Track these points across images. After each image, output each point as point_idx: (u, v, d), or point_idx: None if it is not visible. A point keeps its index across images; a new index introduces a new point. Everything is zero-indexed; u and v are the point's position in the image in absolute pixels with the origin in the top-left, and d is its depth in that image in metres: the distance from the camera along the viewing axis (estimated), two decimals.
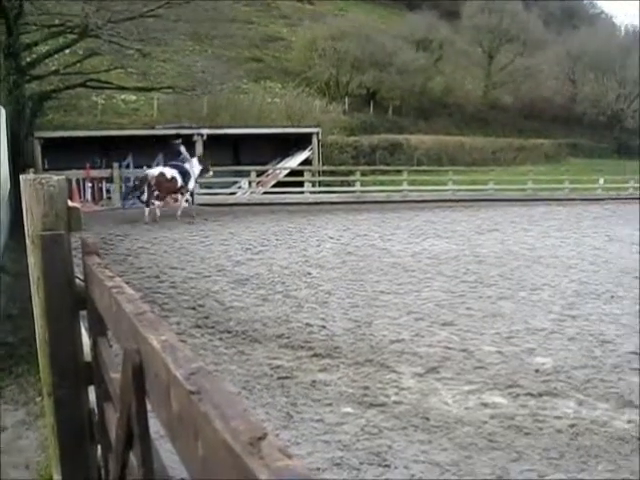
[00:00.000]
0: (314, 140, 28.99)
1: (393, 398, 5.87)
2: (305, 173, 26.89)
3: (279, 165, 28.41)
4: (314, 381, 6.22)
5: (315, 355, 6.99)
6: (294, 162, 28.53)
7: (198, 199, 22.92)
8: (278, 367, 6.60)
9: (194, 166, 20.29)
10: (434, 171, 30.34)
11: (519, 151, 44.35)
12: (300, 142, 28.72)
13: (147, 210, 18.82)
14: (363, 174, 27.76)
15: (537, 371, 6.61)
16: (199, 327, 8.03)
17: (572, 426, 5.35)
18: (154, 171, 19.63)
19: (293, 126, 31.42)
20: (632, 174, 33.97)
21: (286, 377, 6.32)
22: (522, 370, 6.64)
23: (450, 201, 25.38)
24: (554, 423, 5.41)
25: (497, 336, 7.80)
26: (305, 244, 15.32)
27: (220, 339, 7.55)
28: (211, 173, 21.35)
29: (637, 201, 29.45)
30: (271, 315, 8.65)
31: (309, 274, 11.64)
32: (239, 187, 25.77)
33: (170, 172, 19.46)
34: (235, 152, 28.75)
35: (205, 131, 25.83)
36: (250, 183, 25.54)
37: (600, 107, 56.50)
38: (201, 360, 1.27)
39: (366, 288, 10.41)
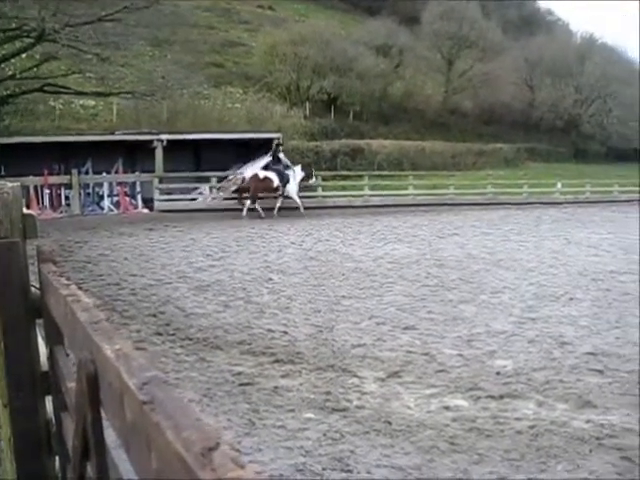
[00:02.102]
0: (275, 145, 28.94)
1: (355, 403, 5.87)
2: None
3: (240, 171, 28.27)
4: (276, 387, 6.20)
5: (277, 361, 6.97)
6: (255, 167, 28.44)
7: (158, 205, 22.75)
8: (240, 373, 6.56)
9: (296, 172, 23.59)
10: (395, 176, 30.55)
11: (479, 156, 44.79)
12: (261, 147, 28.62)
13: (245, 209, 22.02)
14: (324, 179, 27.78)
15: (498, 373, 6.67)
16: (160, 334, 7.95)
17: (532, 427, 5.41)
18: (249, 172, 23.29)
19: (254, 131, 31.28)
20: (589, 178, 34.55)
21: (248, 383, 6.29)
22: (483, 373, 6.69)
23: (411, 206, 25.52)
24: (515, 425, 5.47)
25: (458, 339, 7.86)
26: (267, 250, 15.28)
27: (181, 346, 7.48)
28: (314, 180, 24.79)
29: (594, 204, 30.01)
30: (232, 321, 8.60)
31: (271, 280, 11.61)
32: (200, 193, 25.59)
33: (265, 174, 22.99)
34: (196, 158, 28.51)
35: (165, 137, 25.59)
36: (211, 189, 25.38)
37: (557, 112, 57.40)
38: (161, 368, 1.25)
39: (328, 293, 10.41)
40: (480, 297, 10.25)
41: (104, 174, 23.78)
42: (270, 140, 28.86)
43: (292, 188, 23.44)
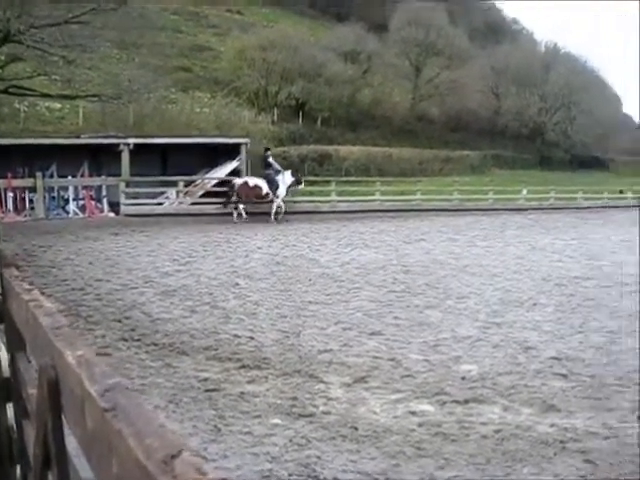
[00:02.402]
0: (243, 150, 28.83)
1: (322, 408, 5.87)
2: None
3: (207, 175, 28.12)
4: (242, 393, 6.17)
5: (243, 367, 6.94)
6: (222, 172, 28.29)
7: (125, 209, 22.55)
8: (206, 379, 6.52)
9: (286, 177, 23.62)
10: (362, 182, 30.61)
11: (445, 162, 45.18)
12: (229, 152, 28.49)
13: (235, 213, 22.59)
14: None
15: (463, 378, 6.71)
16: (125, 340, 7.87)
17: (497, 431, 5.45)
18: (239, 180, 23.40)
19: (222, 136, 31.17)
20: (553, 185, 35.00)
21: (214, 389, 6.25)
22: (449, 378, 6.73)
23: (378, 211, 25.62)
24: (480, 429, 5.50)
25: (424, 345, 7.89)
26: (233, 254, 15.22)
27: (147, 352, 7.41)
28: (302, 185, 24.81)
29: (558, 211, 30.39)
30: (199, 327, 8.54)
31: (237, 285, 11.56)
32: (167, 197, 25.40)
33: (255, 181, 23.19)
34: (163, 162, 28.31)
35: (132, 140, 25.37)
36: (178, 193, 25.22)
37: (523, 120, 58.16)
38: (127, 374, 1.24)
39: (294, 299, 10.40)
40: (446, 302, 10.32)
41: (69, 177, 23.48)
42: (238, 145, 28.77)
43: (281, 193, 23.67)
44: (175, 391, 6.17)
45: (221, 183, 25.84)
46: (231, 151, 28.45)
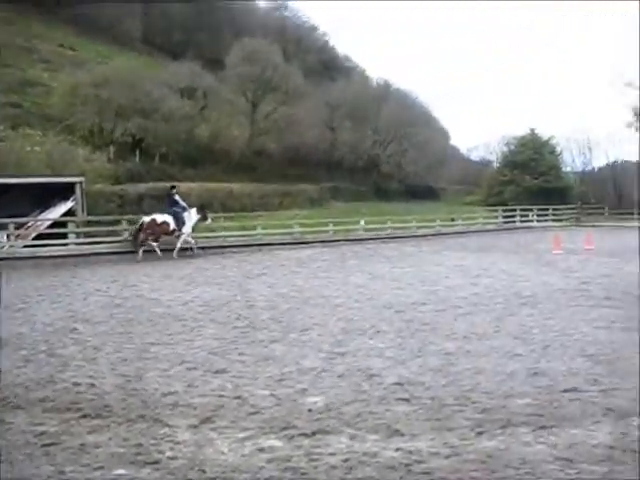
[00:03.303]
0: (77, 190, 27.92)
1: (168, 453, 5.70)
2: (69, 224, 25.79)
3: (40, 216, 26.96)
4: (83, 444, 5.88)
5: (84, 416, 6.63)
6: (56, 213, 27.26)
7: None
8: (42, 433, 6.16)
9: (192, 214, 24.52)
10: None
11: (285, 196, 45.86)
12: (63, 192, 27.50)
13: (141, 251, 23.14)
14: (130, 223, 27.13)
15: (310, 410, 6.74)
16: None
17: (345, 460, 5.50)
18: (147, 217, 23.65)
19: (54, 175, 30.04)
20: (390, 215, 36.34)
21: (52, 443, 5.91)
22: (296, 411, 6.75)
23: (221, 247, 25.52)
24: (328, 460, 5.53)
25: (270, 379, 7.88)
26: (71, 298, 14.62)
27: None
28: (209, 221, 25.73)
29: (395, 240, 31.54)
30: (34, 377, 8.09)
31: (75, 330, 11.09)
32: None
33: (162, 217, 23.69)
34: None
35: None
36: (9, 236, 23.96)
37: (358, 153, 60.25)
38: None
39: (135, 341, 10.10)
40: (290, 335, 10.37)
41: None
42: (72, 184, 27.84)
43: (187, 230, 24.42)
44: (9, 449, 5.79)
45: (58, 224, 24.89)
46: (65, 191, 27.49)
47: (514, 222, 44.03)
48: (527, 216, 45.33)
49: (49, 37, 56.60)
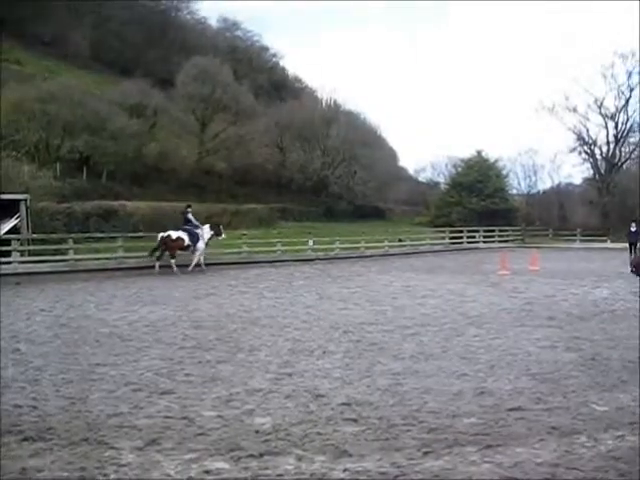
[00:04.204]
0: (22, 207, 27.37)
1: (113, 476, 5.60)
2: (13, 242, 25.23)
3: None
4: (24, 468, 5.74)
5: (25, 439, 6.47)
6: (0, 231, 26.67)
7: None
8: None
9: (205, 231, 26.26)
10: (152, 237, 30.09)
11: (234, 215, 45.65)
12: (6, 210, 26.91)
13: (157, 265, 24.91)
14: (76, 242, 26.72)
15: (257, 432, 6.71)
16: None
17: None
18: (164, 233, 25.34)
19: None
20: (338, 235, 36.51)
21: None
22: (243, 432, 6.70)
23: (168, 267, 25.28)
24: None
25: (217, 400, 7.82)
26: (13, 318, 14.28)
27: None
28: (223, 236, 27.47)
29: (343, 260, 31.69)
30: None
31: (18, 350, 10.85)
32: None
33: (177, 234, 25.34)
34: None
35: None
36: None
37: (307, 173, 60.43)
38: None
39: (81, 362, 9.92)
40: (238, 356, 10.31)
41: None
42: (17, 202, 27.27)
43: (201, 246, 25.93)
44: None
45: (1, 242, 24.29)
46: (9, 208, 26.90)
47: (461, 243, 44.71)
48: (474, 237, 46.10)
49: None
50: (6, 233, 26.41)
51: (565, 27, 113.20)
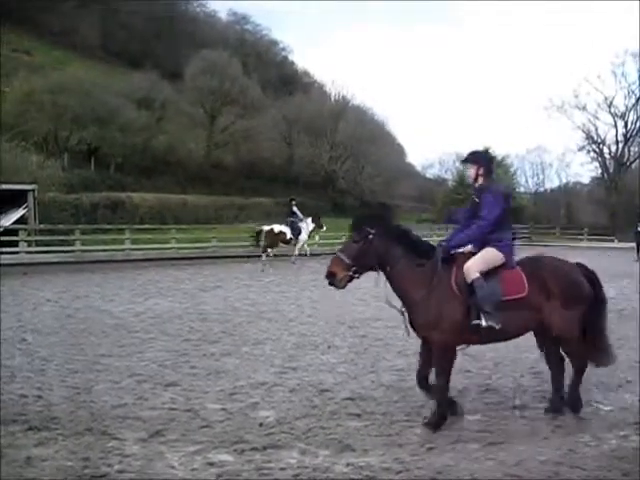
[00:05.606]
0: (30, 197, 27.45)
1: (116, 467, 5.62)
2: (20, 232, 25.32)
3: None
4: (29, 457, 5.76)
5: (30, 428, 6.50)
6: (7, 221, 26.74)
7: None
8: None
9: (308, 224, 27.23)
10: (157, 229, 30.21)
11: (241, 209, 45.71)
12: (14, 199, 26.99)
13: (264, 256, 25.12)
14: (83, 233, 26.80)
15: (261, 425, 6.71)
16: None
17: (296, 476, 5.48)
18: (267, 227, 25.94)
19: (6, 182, 29.46)
20: (345, 231, 36.44)
21: None
22: (247, 425, 6.71)
23: (174, 259, 25.31)
24: (279, 474, 5.51)
25: (221, 393, 7.83)
26: (20, 308, 14.35)
27: None
28: (324, 228, 28.75)
29: None
30: None
31: (24, 340, 10.90)
32: None
33: (280, 228, 26.02)
34: None
35: None
36: None
37: (315, 168, 60.33)
38: None
39: (86, 352, 9.96)
40: (242, 349, 10.33)
41: None
42: (24, 192, 27.34)
43: (303, 238, 27.08)
44: None
45: (8, 232, 24.36)
46: (17, 198, 26.99)
47: None
48: None
49: (2, 40, 55.56)
50: (13, 223, 26.52)
51: (576, 25, 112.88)
